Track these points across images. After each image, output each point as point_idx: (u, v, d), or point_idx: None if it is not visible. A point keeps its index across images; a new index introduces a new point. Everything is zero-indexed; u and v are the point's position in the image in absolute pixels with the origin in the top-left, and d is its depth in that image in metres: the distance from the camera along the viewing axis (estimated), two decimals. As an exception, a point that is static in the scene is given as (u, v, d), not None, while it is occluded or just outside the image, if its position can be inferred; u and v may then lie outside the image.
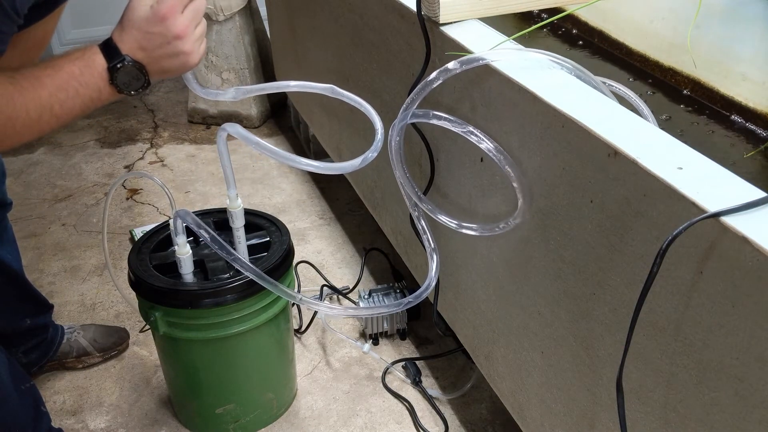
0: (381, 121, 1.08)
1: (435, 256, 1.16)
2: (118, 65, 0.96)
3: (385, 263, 1.97)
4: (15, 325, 1.50)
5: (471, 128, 1.01)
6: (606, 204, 0.81)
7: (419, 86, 1.00)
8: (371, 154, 1.06)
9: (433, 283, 1.17)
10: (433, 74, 0.97)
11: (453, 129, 1.03)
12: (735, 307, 0.66)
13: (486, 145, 0.99)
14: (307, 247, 2.09)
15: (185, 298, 1.26)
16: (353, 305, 1.74)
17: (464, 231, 1.08)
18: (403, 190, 1.14)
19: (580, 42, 1.49)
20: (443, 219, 1.10)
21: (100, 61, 0.96)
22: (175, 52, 0.98)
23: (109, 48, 0.97)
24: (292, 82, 1.14)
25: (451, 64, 0.95)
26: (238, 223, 1.31)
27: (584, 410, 0.96)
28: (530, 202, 0.97)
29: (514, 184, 0.97)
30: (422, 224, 1.17)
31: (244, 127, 2.83)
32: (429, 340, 1.73)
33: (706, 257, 0.67)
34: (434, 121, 1.04)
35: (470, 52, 1.03)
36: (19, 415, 1.27)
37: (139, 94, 0.99)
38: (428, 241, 1.16)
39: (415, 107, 1.02)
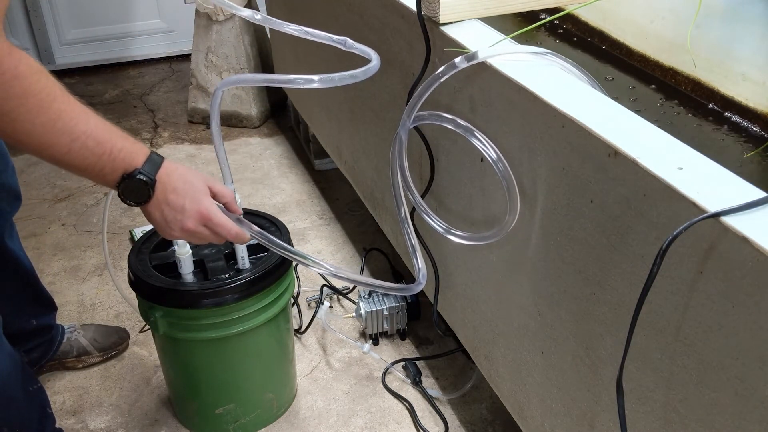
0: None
1: (423, 271, 1.14)
2: (141, 177, 0.95)
3: (385, 263, 1.97)
4: (22, 326, 1.51)
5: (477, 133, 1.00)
6: (606, 204, 0.81)
7: (428, 80, 0.99)
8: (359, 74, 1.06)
9: (424, 281, 1.15)
10: (440, 69, 0.97)
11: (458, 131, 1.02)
12: (735, 307, 0.66)
13: (489, 152, 0.99)
14: (307, 247, 2.09)
15: (185, 298, 1.26)
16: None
17: (450, 237, 1.07)
18: (395, 199, 1.13)
19: (580, 42, 1.48)
20: (433, 223, 1.10)
21: (135, 158, 0.96)
22: (175, 224, 1.01)
23: (152, 162, 0.97)
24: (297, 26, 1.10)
25: (457, 60, 0.95)
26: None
27: (584, 410, 0.96)
28: (516, 215, 0.98)
29: (509, 194, 0.97)
30: (411, 241, 1.15)
31: (244, 126, 2.85)
32: (429, 340, 1.72)
33: (706, 257, 0.67)
34: (443, 123, 1.04)
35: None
36: (25, 416, 1.28)
37: (126, 203, 0.98)
38: (416, 260, 1.15)
39: (419, 105, 1.02)
